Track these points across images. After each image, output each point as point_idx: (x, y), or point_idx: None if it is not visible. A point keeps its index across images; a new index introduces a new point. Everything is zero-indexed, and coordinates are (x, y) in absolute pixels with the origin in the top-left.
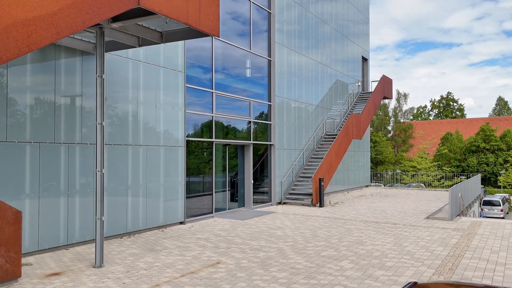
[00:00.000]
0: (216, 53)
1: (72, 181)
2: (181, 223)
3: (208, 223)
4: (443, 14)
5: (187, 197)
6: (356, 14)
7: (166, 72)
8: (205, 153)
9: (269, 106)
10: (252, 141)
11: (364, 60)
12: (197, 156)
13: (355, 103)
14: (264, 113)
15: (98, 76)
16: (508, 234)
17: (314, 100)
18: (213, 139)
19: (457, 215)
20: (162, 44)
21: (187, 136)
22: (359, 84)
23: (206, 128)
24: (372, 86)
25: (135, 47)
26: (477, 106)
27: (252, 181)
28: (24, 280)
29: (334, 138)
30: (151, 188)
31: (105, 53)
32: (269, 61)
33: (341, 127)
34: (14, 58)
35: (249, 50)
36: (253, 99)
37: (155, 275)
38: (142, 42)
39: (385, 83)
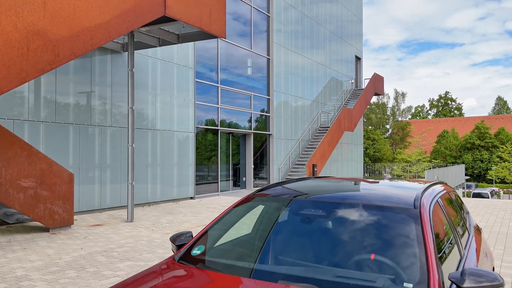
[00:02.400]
0: (221, 52)
1: (103, 157)
2: (191, 198)
3: (214, 199)
4: (446, 14)
5: (196, 184)
6: (350, 16)
7: (179, 68)
8: (211, 143)
9: (268, 100)
10: (252, 131)
11: (358, 59)
12: (205, 146)
13: (348, 99)
14: (264, 106)
15: (129, 70)
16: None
17: (309, 95)
18: (218, 127)
19: None
20: (177, 44)
21: (196, 124)
22: (353, 81)
23: (213, 117)
24: (365, 83)
25: (156, 46)
26: (479, 106)
27: (253, 167)
28: (75, 227)
29: (328, 130)
30: (166, 167)
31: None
32: (268, 60)
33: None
34: (82, 55)
35: (250, 50)
36: (254, 93)
37: (176, 226)
38: (162, 43)
39: (377, 80)
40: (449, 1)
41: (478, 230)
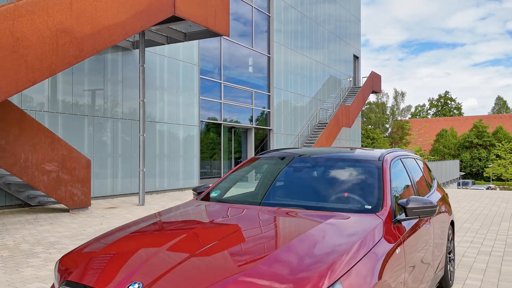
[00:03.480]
0: (224, 51)
1: (115, 147)
2: None
3: None
4: (447, 14)
5: (200, 175)
6: (348, 16)
7: (185, 65)
8: (215, 137)
9: (268, 96)
10: (253, 126)
11: (356, 58)
12: (208, 140)
13: (346, 96)
14: (264, 102)
15: (141, 65)
16: (451, 199)
17: (308, 93)
18: (221, 122)
19: None
20: (184, 42)
21: (200, 118)
22: (351, 79)
23: (216, 112)
24: (363, 82)
25: (164, 44)
26: (480, 106)
27: None
28: (92, 209)
29: (326, 125)
30: (173, 158)
31: (138, 49)
32: (269, 58)
33: (332, 117)
34: (102, 50)
35: (251, 48)
36: (255, 90)
37: None
38: (170, 41)
39: (374, 78)
40: (450, 1)
41: (443, 191)
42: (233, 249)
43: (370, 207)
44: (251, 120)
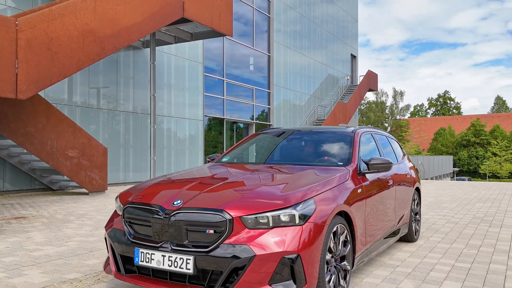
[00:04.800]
0: (226, 50)
1: (127, 138)
2: None
3: None
4: (449, 14)
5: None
6: (346, 16)
7: (190, 63)
8: (218, 131)
9: (269, 93)
10: (254, 121)
11: (353, 57)
12: (213, 134)
13: (344, 94)
14: (265, 99)
15: (152, 63)
16: (436, 187)
17: (307, 90)
18: (224, 117)
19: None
20: (190, 41)
21: (205, 113)
22: (348, 78)
23: (219, 108)
24: (360, 80)
25: (172, 43)
26: (481, 106)
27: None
28: (108, 192)
29: (323, 122)
30: (179, 149)
31: (147, 48)
32: (269, 57)
33: (330, 113)
34: (121, 48)
35: (252, 48)
36: (256, 87)
37: None
38: (178, 40)
39: (371, 77)
40: (451, 1)
41: (413, 166)
42: (240, 185)
43: (342, 163)
44: (252, 116)
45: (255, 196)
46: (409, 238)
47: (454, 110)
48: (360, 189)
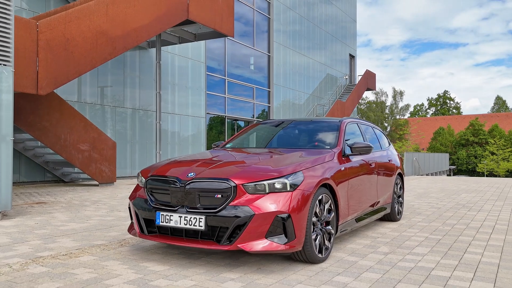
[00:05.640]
0: (228, 50)
1: (133, 134)
2: None
3: None
4: (450, 14)
5: None
6: (344, 17)
7: (193, 62)
8: (219, 128)
9: (268, 92)
10: (255, 119)
11: (352, 57)
12: (215, 130)
13: (343, 93)
14: (265, 97)
15: (157, 62)
16: (428, 181)
17: (306, 89)
18: (225, 114)
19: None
20: (193, 42)
21: (207, 111)
22: (346, 77)
23: (220, 106)
24: (358, 79)
25: (176, 44)
26: (482, 106)
27: None
28: (117, 184)
29: None
30: (183, 145)
31: (153, 48)
32: (269, 57)
33: (328, 112)
34: (130, 48)
35: (253, 48)
36: (256, 86)
37: None
38: (181, 41)
39: (369, 76)
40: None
41: (399, 154)
42: (242, 163)
43: (329, 147)
44: (252, 115)
45: (255, 169)
46: (392, 217)
47: (454, 110)
48: (343, 168)
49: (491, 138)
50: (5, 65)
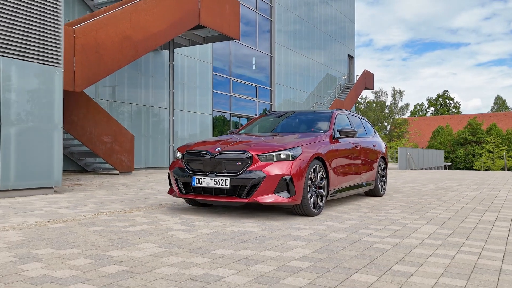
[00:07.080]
0: (233, 51)
1: (147, 129)
2: None
3: None
4: (452, 14)
5: None
6: (343, 18)
7: (201, 63)
8: (225, 124)
9: (271, 91)
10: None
11: (350, 57)
12: (220, 126)
13: (341, 93)
14: (267, 96)
15: (170, 63)
16: (418, 173)
17: (307, 89)
18: (230, 111)
19: (407, 169)
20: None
21: (213, 108)
22: (345, 77)
23: (226, 103)
24: (357, 79)
25: (186, 46)
26: (484, 106)
27: None
28: (135, 173)
29: None
30: (192, 139)
31: (165, 50)
32: (271, 57)
33: None
34: (149, 51)
35: (256, 49)
36: (259, 85)
37: None
38: (191, 43)
39: (367, 76)
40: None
41: (385, 143)
42: (256, 141)
43: (322, 131)
44: (255, 112)
45: (265, 145)
46: (376, 192)
47: (454, 110)
48: (333, 147)
49: (489, 137)
50: (57, 66)
